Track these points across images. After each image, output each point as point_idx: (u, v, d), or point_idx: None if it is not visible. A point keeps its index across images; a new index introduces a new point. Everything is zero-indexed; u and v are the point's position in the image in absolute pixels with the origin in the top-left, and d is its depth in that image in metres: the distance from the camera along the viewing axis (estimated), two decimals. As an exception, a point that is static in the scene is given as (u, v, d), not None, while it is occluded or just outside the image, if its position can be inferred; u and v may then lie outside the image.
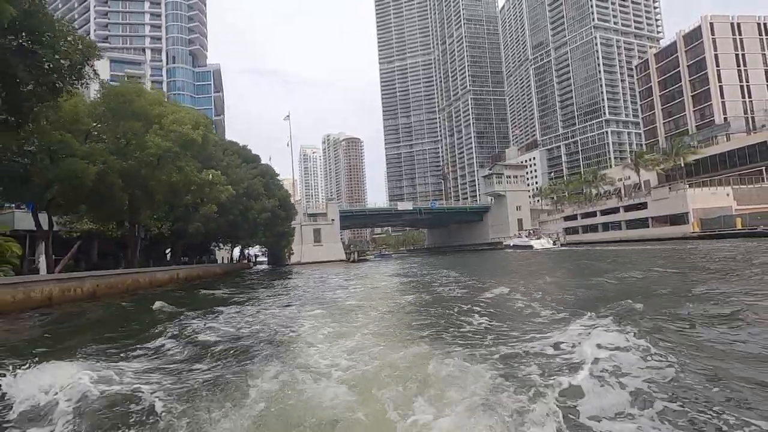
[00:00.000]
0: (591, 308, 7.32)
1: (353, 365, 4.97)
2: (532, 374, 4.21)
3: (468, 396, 3.66)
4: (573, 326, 6.04)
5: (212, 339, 7.45)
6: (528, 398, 3.64)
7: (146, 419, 3.66)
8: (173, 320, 9.84)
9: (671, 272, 14.40)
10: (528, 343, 5.48)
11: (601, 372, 3.95)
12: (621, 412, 3.24)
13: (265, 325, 8.77)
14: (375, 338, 6.65)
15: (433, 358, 4.88)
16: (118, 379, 4.63)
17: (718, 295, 7.94)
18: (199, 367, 5.45)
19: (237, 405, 3.89)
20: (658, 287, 10.43)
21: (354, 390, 4.09)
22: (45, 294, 15.50)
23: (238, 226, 32.47)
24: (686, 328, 5.61)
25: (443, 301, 10.99)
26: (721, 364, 4.08)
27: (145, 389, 4.28)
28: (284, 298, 15.10)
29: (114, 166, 17.65)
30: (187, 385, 4.58)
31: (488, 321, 7.51)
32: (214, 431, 3.37)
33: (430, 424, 3.20)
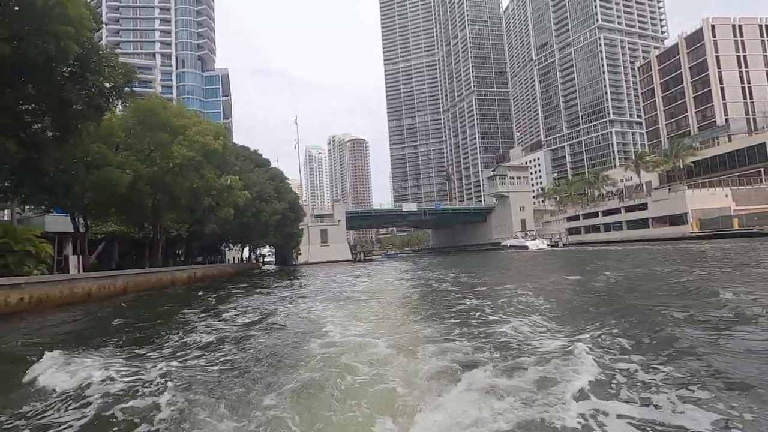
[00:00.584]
0: (560, 303, 8.77)
1: (365, 341, 6.46)
2: (508, 344, 5.69)
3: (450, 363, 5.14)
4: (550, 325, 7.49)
5: (248, 321, 9.03)
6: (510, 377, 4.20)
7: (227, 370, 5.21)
8: (221, 305, 11.63)
9: (652, 269, 15.73)
10: (507, 325, 6.94)
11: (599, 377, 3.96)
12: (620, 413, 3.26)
13: (291, 311, 10.35)
14: (382, 322, 8.16)
15: (432, 337, 6.39)
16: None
17: (696, 290, 9.28)
18: (255, 335, 7.09)
19: (284, 364, 5.44)
20: (636, 285, 11.83)
21: (365, 359, 5.52)
22: (85, 290, 17.23)
23: (251, 227, 34.20)
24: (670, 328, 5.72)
25: (441, 293, 12.48)
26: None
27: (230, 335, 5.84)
28: (300, 291, 16.69)
29: (143, 173, 19.36)
30: (249, 349, 6.17)
31: (480, 307, 8.97)
32: (276, 376, 4.89)
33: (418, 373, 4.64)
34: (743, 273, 12.32)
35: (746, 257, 17.97)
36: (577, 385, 3.77)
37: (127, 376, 4.82)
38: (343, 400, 3.96)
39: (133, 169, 18.51)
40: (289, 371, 5.07)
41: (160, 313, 12.07)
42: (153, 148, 20.85)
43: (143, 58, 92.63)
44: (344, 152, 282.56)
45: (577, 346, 4.90)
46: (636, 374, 3.99)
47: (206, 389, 4.41)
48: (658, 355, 4.50)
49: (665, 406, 3.28)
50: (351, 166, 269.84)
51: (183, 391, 4.32)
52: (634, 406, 3.35)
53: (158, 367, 5.12)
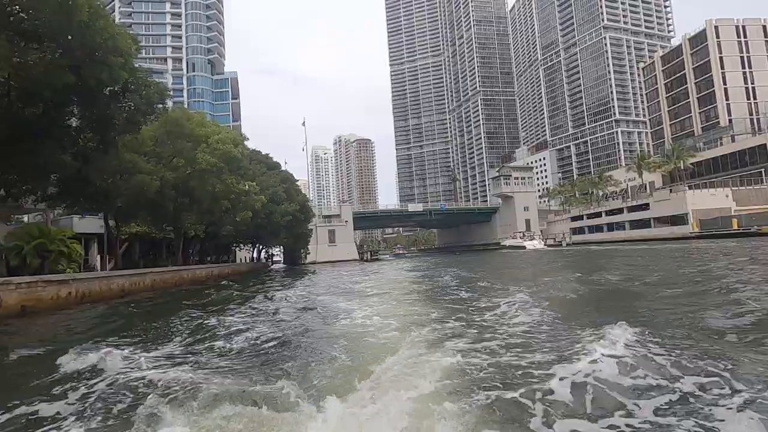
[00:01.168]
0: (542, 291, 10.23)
1: (378, 320, 8.01)
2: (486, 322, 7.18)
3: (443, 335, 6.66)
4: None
5: (273, 307, 10.64)
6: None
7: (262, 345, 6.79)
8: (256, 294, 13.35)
9: (634, 267, 17.08)
10: (494, 309, 8.43)
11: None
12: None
13: (311, 301, 11.94)
14: (390, 307, 9.70)
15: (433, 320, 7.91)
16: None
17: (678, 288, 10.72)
18: (284, 319, 8.70)
19: (316, 337, 7.01)
20: (615, 282, 13.23)
21: (376, 331, 7.10)
22: (120, 286, 19.01)
23: (264, 228, 35.97)
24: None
25: (441, 286, 13.99)
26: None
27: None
28: (315, 286, 18.29)
29: (169, 179, 21.10)
30: (282, 329, 7.76)
31: (474, 298, 10.46)
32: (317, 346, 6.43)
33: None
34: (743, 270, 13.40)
35: (740, 255, 19.20)
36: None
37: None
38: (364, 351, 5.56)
39: (160, 176, 20.25)
40: (325, 340, 6.68)
41: (216, 301, 14.02)
42: (176, 155, 22.60)
43: (155, 63, 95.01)
44: (350, 152, 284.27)
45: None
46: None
47: (278, 344, 6.20)
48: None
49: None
50: (357, 167, 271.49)
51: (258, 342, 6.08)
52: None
53: (240, 329, 6.85)
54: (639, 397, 3.45)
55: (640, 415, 3.18)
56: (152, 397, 3.89)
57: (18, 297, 12.91)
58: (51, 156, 12.61)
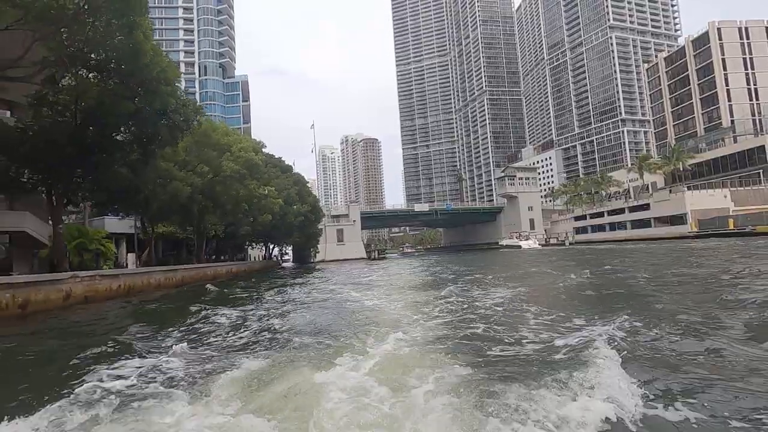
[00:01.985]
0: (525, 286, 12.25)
1: (386, 303, 10.12)
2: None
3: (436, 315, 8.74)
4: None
5: (301, 296, 12.82)
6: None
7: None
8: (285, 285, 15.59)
9: (619, 265, 18.93)
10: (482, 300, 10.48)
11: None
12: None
13: (332, 290, 14.13)
14: (397, 294, 11.83)
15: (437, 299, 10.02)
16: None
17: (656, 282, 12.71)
18: (316, 299, 10.85)
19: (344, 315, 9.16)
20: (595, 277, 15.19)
21: (384, 312, 9.23)
22: (157, 280, 21.40)
23: (279, 229, 38.30)
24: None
25: (438, 277, 16.08)
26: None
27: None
28: (330, 280, 20.49)
29: (197, 185, 23.43)
30: (313, 315, 9.92)
31: (468, 291, 12.52)
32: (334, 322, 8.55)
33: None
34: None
35: (727, 253, 20.97)
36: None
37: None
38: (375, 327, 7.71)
39: (190, 182, 22.59)
40: (345, 318, 8.82)
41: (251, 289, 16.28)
42: (203, 163, 24.94)
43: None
44: (357, 152, 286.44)
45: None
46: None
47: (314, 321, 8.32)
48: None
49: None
50: (363, 166, 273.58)
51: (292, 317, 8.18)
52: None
53: (271, 309, 8.97)
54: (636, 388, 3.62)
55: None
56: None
57: (83, 288, 15.27)
58: (109, 169, 14.92)
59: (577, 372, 3.98)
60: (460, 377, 4.13)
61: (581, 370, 4.05)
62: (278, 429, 3.23)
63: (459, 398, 3.55)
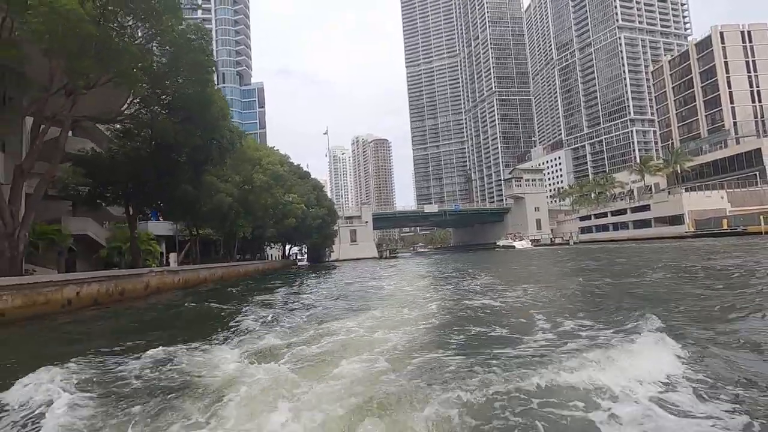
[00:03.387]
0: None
1: (395, 289, 13.64)
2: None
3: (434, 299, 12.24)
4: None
5: (328, 288, 16.44)
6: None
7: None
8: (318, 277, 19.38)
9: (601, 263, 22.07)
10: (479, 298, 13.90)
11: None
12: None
13: (351, 281, 17.73)
14: (403, 282, 15.38)
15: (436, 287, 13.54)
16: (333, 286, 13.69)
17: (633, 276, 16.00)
18: (340, 284, 14.47)
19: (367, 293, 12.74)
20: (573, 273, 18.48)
21: (393, 294, 12.76)
22: (203, 276, 25.35)
23: (299, 230, 42.18)
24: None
25: (439, 271, 19.53)
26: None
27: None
28: (349, 276, 24.15)
29: (234, 195, 27.35)
30: (341, 289, 13.53)
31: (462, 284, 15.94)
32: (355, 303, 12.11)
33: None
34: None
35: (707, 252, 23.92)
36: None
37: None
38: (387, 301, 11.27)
39: (230, 193, 26.51)
40: (364, 299, 12.40)
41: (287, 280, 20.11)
42: (238, 175, 28.90)
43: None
44: (368, 152, 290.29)
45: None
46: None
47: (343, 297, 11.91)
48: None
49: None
50: (374, 167, 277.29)
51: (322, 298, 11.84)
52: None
53: (310, 292, 12.61)
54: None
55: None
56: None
57: (156, 281, 19.20)
58: (178, 187, 18.80)
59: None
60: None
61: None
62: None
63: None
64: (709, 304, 7.63)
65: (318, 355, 5.62)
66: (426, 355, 5.27)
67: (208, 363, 5.50)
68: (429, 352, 5.42)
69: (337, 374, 4.53)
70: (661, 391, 3.53)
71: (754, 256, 17.46)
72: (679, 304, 7.70)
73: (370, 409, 3.45)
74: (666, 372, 3.90)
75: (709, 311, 7.02)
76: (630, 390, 3.54)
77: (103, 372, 5.31)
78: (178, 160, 19.80)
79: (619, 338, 5.32)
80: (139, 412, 3.75)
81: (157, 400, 4.04)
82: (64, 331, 10.13)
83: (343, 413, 3.39)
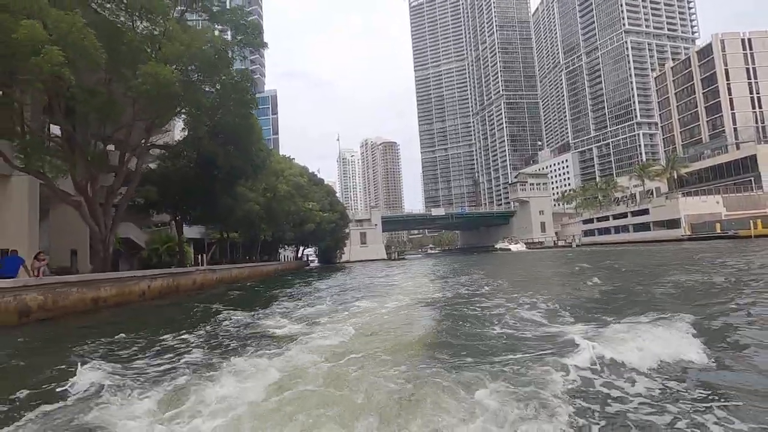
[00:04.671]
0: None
1: (403, 279, 16.83)
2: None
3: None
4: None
5: (349, 281, 19.69)
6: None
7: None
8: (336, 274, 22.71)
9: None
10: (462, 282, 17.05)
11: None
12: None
13: (370, 276, 20.97)
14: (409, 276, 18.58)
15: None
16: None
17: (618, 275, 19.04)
18: (358, 277, 17.75)
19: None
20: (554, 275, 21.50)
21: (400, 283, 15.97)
22: (234, 275, 28.88)
23: (315, 234, 45.67)
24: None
25: (439, 269, 22.65)
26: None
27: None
28: (362, 274, 27.41)
29: (261, 203, 30.84)
30: (356, 281, 16.79)
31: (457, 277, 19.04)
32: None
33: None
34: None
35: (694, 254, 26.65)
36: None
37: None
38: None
39: (258, 202, 30.01)
40: (377, 287, 15.64)
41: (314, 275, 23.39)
42: (263, 185, 32.43)
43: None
44: (376, 155, 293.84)
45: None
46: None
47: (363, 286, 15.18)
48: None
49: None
50: (383, 170, 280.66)
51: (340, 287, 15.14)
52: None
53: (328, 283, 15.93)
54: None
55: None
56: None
57: (201, 278, 22.72)
58: (220, 199, 22.32)
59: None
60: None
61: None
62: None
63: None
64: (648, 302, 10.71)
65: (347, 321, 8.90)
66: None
67: (278, 324, 8.81)
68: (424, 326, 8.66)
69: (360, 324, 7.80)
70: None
71: (728, 257, 20.16)
72: (616, 300, 10.79)
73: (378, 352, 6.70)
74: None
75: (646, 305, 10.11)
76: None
77: (218, 324, 8.68)
78: (218, 176, 23.34)
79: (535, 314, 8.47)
80: (236, 346, 6.99)
81: (252, 341, 7.33)
82: (166, 313, 13.62)
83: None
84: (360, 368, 4.85)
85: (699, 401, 3.44)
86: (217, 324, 9.20)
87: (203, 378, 4.77)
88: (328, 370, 4.84)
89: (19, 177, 16.00)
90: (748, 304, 7.54)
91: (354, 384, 4.23)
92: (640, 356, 4.51)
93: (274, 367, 5.01)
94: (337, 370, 4.83)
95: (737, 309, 7.13)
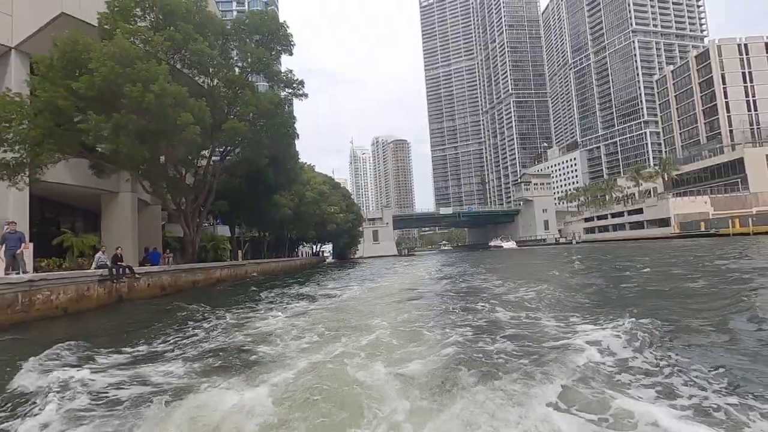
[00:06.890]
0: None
1: (407, 270, 22.31)
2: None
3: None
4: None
5: (365, 273, 25.26)
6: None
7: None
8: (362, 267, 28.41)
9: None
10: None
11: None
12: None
13: (385, 268, 26.52)
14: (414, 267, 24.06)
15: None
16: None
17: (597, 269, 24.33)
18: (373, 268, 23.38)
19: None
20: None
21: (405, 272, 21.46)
22: (271, 267, 34.78)
23: (334, 233, 51.51)
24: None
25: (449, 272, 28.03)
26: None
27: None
28: (379, 266, 32.96)
29: (291, 208, 36.67)
30: (372, 270, 22.37)
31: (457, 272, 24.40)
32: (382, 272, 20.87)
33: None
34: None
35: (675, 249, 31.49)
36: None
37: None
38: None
39: (289, 207, 35.87)
40: (386, 275, 21.20)
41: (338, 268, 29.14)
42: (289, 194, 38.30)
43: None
44: (387, 153, 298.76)
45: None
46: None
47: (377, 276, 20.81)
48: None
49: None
50: (394, 167, 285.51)
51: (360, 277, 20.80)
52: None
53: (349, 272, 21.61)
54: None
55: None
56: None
57: (249, 269, 28.61)
58: (260, 205, 28.23)
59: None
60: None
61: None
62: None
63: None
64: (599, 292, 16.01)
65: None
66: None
67: (330, 293, 14.36)
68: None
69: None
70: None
71: (691, 253, 25.03)
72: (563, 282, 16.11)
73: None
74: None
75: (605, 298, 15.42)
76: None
77: (286, 291, 14.34)
78: (262, 189, 29.19)
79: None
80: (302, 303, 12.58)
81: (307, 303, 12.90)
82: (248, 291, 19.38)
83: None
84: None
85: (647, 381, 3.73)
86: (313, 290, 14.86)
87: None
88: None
89: (125, 193, 22.10)
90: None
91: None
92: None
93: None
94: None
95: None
